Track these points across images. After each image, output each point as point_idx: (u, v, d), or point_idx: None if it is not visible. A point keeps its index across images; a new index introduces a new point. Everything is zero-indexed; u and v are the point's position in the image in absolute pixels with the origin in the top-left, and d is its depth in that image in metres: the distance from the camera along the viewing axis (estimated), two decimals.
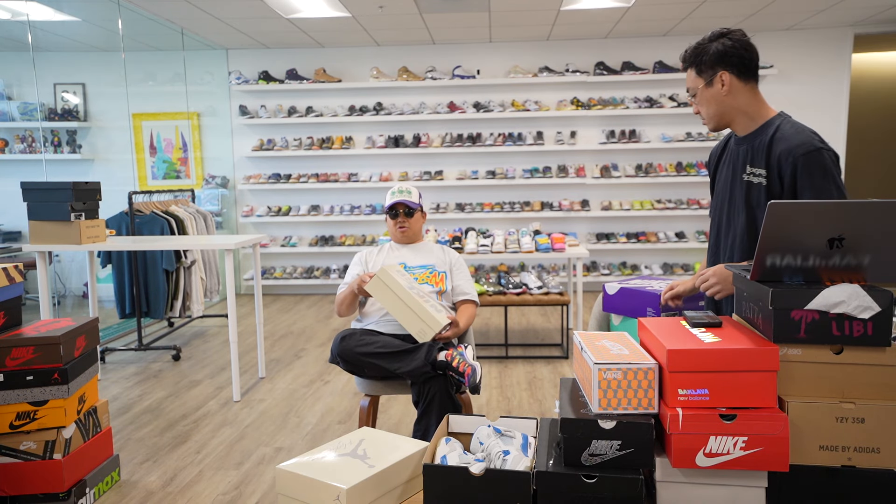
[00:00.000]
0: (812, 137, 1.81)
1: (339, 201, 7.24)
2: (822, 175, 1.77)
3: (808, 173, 1.78)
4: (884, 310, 1.37)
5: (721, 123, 1.98)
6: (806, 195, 1.79)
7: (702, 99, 1.95)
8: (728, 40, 1.89)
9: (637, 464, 1.39)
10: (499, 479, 1.41)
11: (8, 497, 2.48)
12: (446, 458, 1.54)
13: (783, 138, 1.84)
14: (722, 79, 1.90)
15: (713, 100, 1.93)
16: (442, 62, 7.02)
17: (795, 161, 1.79)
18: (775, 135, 1.87)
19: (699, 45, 1.93)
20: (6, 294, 2.52)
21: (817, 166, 1.78)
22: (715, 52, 1.89)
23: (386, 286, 2.54)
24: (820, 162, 1.77)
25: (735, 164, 1.99)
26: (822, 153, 1.78)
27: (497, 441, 1.61)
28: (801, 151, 1.79)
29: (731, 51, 1.88)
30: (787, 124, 1.88)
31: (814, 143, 1.79)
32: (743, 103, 1.92)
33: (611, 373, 1.41)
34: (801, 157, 1.78)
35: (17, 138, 6.85)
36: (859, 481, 1.39)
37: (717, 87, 1.91)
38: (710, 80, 1.91)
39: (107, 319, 5.64)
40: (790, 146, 1.81)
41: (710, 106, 1.95)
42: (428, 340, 2.54)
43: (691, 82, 1.97)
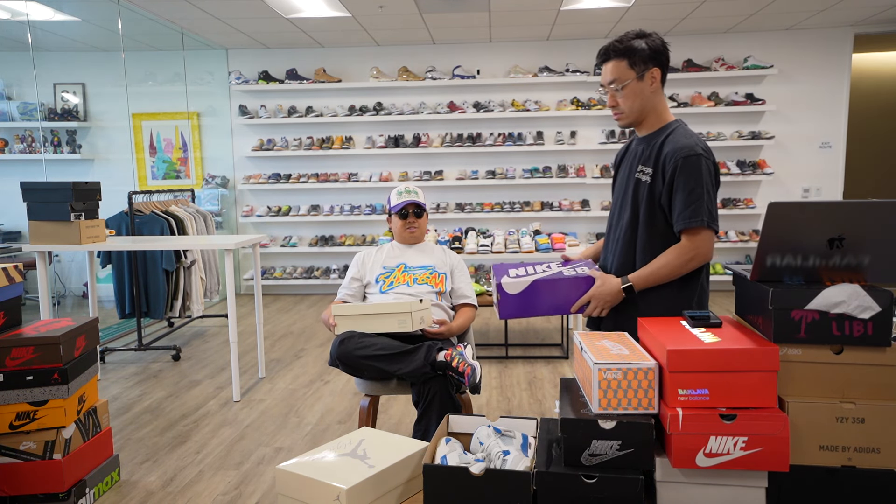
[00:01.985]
0: (696, 145, 1.90)
1: (339, 201, 7.24)
2: (696, 178, 1.87)
3: (684, 174, 1.88)
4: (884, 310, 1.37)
5: (637, 120, 2.02)
6: (678, 195, 1.89)
7: (629, 92, 1.96)
8: (656, 40, 1.95)
9: (637, 464, 1.39)
10: (499, 479, 1.41)
11: (8, 497, 2.48)
12: (446, 458, 1.55)
13: (672, 141, 1.93)
14: (653, 75, 1.95)
15: (640, 95, 1.96)
16: (442, 62, 7.02)
17: (676, 162, 1.89)
18: (668, 137, 1.95)
19: (630, 40, 1.94)
20: (6, 294, 2.52)
21: (694, 169, 1.87)
22: (650, 48, 1.93)
23: (350, 317, 2.64)
24: (697, 166, 1.87)
25: (632, 162, 2.06)
26: (701, 159, 1.88)
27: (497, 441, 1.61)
28: (682, 154, 1.89)
29: (662, 50, 1.95)
30: (681, 130, 1.97)
31: (696, 149, 1.89)
32: (658, 103, 2.00)
33: (611, 373, 1.41)
34: (682, 160, 1.88)
35: (17, 138, 6.86)
36: (859, 481, 1.39)
37: (646, 83, 1.95)
38: (642, 75, 1.94)
39: (107, 319, 5.64)
40: (675, 148, 1.90)
41: (634, 100, 1.97)
42: (416, 328, 2.57)
43: (619, 73, 1.95)
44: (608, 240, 2.15)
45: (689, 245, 1.89)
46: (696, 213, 1.86)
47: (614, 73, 1.96)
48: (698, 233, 1.88)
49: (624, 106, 1.99)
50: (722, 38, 6.82)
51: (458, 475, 1.43)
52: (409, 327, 2.57)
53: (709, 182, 1.88)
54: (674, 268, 1.90)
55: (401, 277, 2.86)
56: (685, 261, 1.90)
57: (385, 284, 2.85)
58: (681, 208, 1.88)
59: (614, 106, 2.01)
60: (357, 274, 2.94)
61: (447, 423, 1.77)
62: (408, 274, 2.87)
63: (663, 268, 1.90)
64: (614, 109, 2.01)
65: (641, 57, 1.93)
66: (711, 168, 1.91)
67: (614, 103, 2.00)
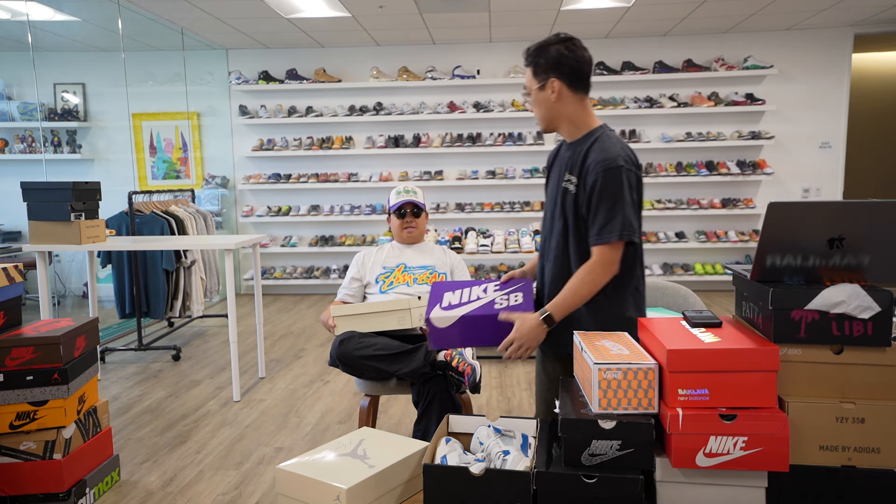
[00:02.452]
0: (618, 156, 1.87)
1: (339, 201, 7.24)
2: (615, 192, 1.84)
3: (603, 187, 1.84)
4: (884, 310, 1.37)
5: (550, 127, 2.01)
6: (597, 209, 1.86)
7: (535, 101, 1.97)
8: (565, 49, 1.91)
9: (637, 464, 1.39)
10: (499, 479, 1.41)
11: (8, 497, 2.48)
12: (446, 458, 1.55)
13: (595, 151, 1.90)
14: (552, 86, 1.92)
15: (544, 103, 1.96)
16: (442, 62, 7.02)
17: (597, 174, 1.86)
18: (592, 146, 1.92)
19: (540, 47, 1.93)
20: (6, 294, 2.52)
21: (613, 181, 1.84)
22: (550, 59, 1.91)
23: (349, 317, 2.65)
24: (616, 178, 1.84)
25: (560, 169, 2.03)
26: (621, 171, 1.85)
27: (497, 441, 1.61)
28: (603, 167, 1.85)
29: (565, 60, 1.90)
30: (605, 138, 1.93)
31: (617, 160, 1.85)
32: (569, 111, 1.96)
33: (611, 373, 1.41)
34: (602, 172, 1.85)
35: (17, 138, 6.86)
36: (859, 481, 1.39)
37: (547, 93, 1.93)
38: (543, 85, 1.93)
39: (107, 319, 5.64)
40: (597, 159, 1.87)
41: (540, 108, 1.98)
42: (415, 325, 2.58)
43: (528, 81, 1.98)
44: (544, 248, 2.10)
45: (599, 260, 1.85)
46: (610, 228, 1.83)
47: (526, 81, 1.99)
48: (608, 247, 1.85)
49: (535, 112, 2.00)
50: (722, 38, 6.82)
51: (458, 475, 1.43)
52: (408, 324, 2.58)
53: (628, 195, 1.85)
54: (588, 285, 1.86)
55: (401, 277, 2.86)
56: (596, 276, 1.85)
57: (385, 284, 2.85)
58: (598, 223, 1.85)
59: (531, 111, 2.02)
60: (357, 274, 2.95)
61: (447, 423, 1.77)
62: (408, 274, 2.87)
63: (577, 289, 1.86)
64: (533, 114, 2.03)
65: (543, 67, 1.92)
66: (633, 179, 1.88)
67: (531, 108, 2.02)
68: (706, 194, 6.94)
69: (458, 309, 1.98)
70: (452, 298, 2.07)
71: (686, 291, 2.54)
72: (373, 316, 2.62)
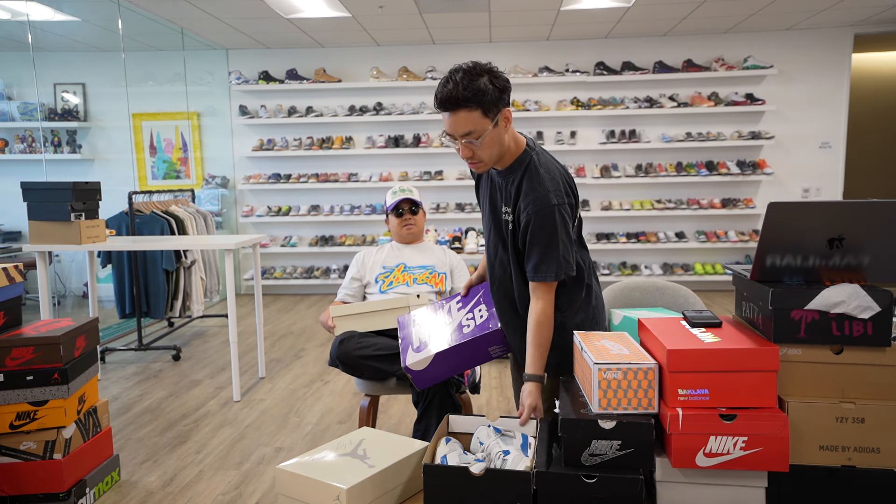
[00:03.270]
0: (549, 192, 1.79)
1: (339, 201, 7.24)
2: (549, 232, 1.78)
3: (537, 227, 1.79)
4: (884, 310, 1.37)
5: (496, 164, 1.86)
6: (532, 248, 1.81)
7: (488, 142, 1.76)
8: (499, 76, 1.77)
9: (637, 464, 1.39)
10: (499, 478, 1.42)
11: (8, 497, 2.48)
12: (446, 458, 1.55)
13: (527, 188, 1.82)
14: (505, 116, 1.78)
15: (497, 141, 1.78)
16: (442, 62, 7.02)
17: (529, 215, 1.79)
18: (523, 179, 1.83)
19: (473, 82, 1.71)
20: (6, 294, 2.52)
21: (545, 221, 1.78)
22: (498, 88, 1.75)
23: (349, 317, 2.65)
24: (548, 218, 1.78)
25: (494, 194, 1.96)
26: (554, 210, 1.78)
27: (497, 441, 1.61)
28: (534, 208, 1.78)
29: (508, 85, 1.79)
30: (533, 169, 1.83)
31: (549, 199, 1.78)
32: (510, 138, 1.84)
33: (611, 373, 1.41)
34: (534, 214, 1.78)
35: (17, 138, 6.86)
36: (859, 481, 1.39)
37: (500, 128, 1.77)
38: (496, 121, 1.76)
39: (107, 319, 5.64)
40: (528, 200, 1.80)
41: (493, 148, 1.79)
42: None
43: (475, 124, 1.73)
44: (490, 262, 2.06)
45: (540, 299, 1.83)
46: (546, 269, 1.80)
47: (469, 125, 1.73)
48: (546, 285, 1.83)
49: (483, 155, 1.79)
50: (722, 38, 6.82)
51: (458, 475, 1.43)
52: None
53: (563, 232, 1.80)
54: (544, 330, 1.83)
55: (400, 277, 2.86)
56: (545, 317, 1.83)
57: (385, 284, 2.85)
58: (534, 261, 1.81)
59: (471, 156, 1.79)
60: (357, 274, 2.95)
61: (447, 422, 1.77)
62: (407, 274, 2.87)
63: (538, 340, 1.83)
64: (470, 160, 1.81)
65: (492, 100, 1.72)
66: (566, 213, 1.82)
67: (470, 154, 1.78)
68: (706, 194, 6.94)
69: (429, 347, 2.02)
70: (422, 334, 2.10)
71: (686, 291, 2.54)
72: (372, 315, 2.63)
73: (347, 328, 2.64)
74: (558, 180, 1.84)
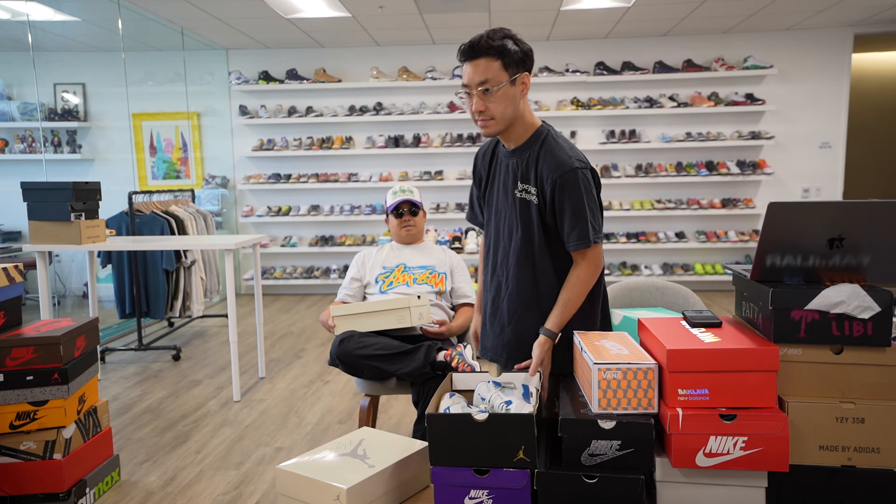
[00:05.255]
0: (570, 157, 1.82)
1: (339, 201, 7.24)
2: (576, 196, 1.81)
3: (564, 193, 1.81)
4: (884, 310, 1.37)
5: (506, 128, 1.85)
6: (562, 216, 1.83)
7: (501, 96, 1.77)
8: (525, 44, 1.79)
9: (637, 464, 1.39)
10: (502, 422, 1.41)
11: (8, 497, 2.48)
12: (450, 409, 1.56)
13: (546, 156, 1.84)
14: (523, 80, 1.80)
15: (512, 100, 1.79)
16: (442, 62, 7.02)
17: (554, 182, 1.81)
18: (541, 152, 1.85)
19: (501, 39, 1.75)
20: (6, 294, 2.52)
21: (572, 186, 1.80)
22: (522, 51, 1.78)
23: (349, 317, 2.65)
24: (574, 182, 1.80)
25: (506, 177, 1.95)
26: (577, 173, 1.81)
27: (498, 393, 1.62)
28: (558, 173, 1.80)
29: (531, 54, 1.81)
30: (551, 140, 1.87)
31: (571, 163, 1.81)
32: (525, 108, 1.86)
33: (611, 373, 1.41)
34: (558, 179, 1.80)
35: (17, 138, 6.85)
36: (859, 481, 1.39)
37: (517, 88, 1.80)
38: (514, 79, 1.78)
39: (107, 319, 5.64)
40: (551, 166, 1.82)
41: (506, 106, 1.79)
42: (414, 324, 2.58)
43: (493, 74, 1.75)
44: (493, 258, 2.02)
45: (585, 265, 1.85)
46: (583, 234, 1.82)
47: (486, 73, 1.74)
48: (591, 251, 1.85)
49: (495, 111, 1.78)
50: (722, 38, 6.82)
51: (463, 421, 1.43)
52: (407, 323, 2.57)
53: (589, 196, 1.83)
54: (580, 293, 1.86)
55: (400, 277, 2.86)
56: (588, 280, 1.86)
57: (385, 284, 2.85)
58: (568, 230, 1.83)
59: (482, 110, 1.78)
60: (357, 274, 2.95)
61: (450, 380, 1.78)
62: (407, 274, 2.87)
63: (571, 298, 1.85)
64: (481, 115, 1.80)
65: (514, 60, 1.76)
66: (589, 178, 1.85)
67: (482, 107, 1.78)
68: (706, 194, 6.94)
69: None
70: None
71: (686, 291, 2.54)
72: (372, 315, 2.62)
73: (347, 328, 2.64)
74: (576, 150, 1.87)
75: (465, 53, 1.77)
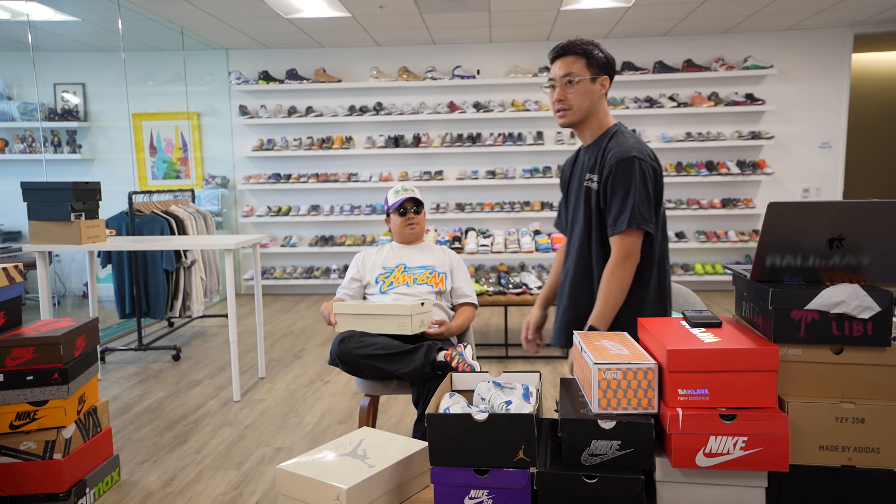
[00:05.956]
0: (633, 147, 1.91)
1: (339, 201, 7.24)
2: (627, 182, 1.88)
3: (617, 178, 1.90)
4: (884, 310, 1.37)
5: (581, 120, 2.03)
6: (611, 200, 1.91)
7: (581, 89, 1.98)
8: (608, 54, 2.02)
9: (637, 464, 1.39)
10: (502, 422, 1.41)
11: (8, 497, 2.48)
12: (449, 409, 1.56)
13: (612, 145, 1.95)
14: (603, 82, 2.01)
15: (590, 95, 1.99)
16: (442, 62, 7.02)
17: (611, 166, 1.91)
18: (609, 143, 1.98)
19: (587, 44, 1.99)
20: (6, 294, 2.52)
21: (626, 172, 1.89)
22: (605, 58, 2.00)
23: (350, 316, 2.65)
24: (628, 168, 1.89)
25: (581, 172, 2.08)
26: (634, 161, 1.88)
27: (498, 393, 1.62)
28: (615, 158, 1.91)
29: (613, 64, 2.03)
30: (620, 134, 1.99)
31: (631, 152, 1.90)
32: (601, 109, 2.04)
33: (611, 373, 1.41)
34: (615, 164, 1.90)
35: (17, 138, 6.85)
36: (859, 481, 1.39)
37: (597, 86, 2.00)
38: (595, 78, 1.99)
39: (107, 319, 5.64)
40: (612, 153, 1.93)
41: (584, 99, 1.99)
42: (415, 331, 2.57)
43: (576, 69, 1.98)
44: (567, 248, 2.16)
45: (616, 253, 1.89)
46: (622, 218, 1.87)
47: (570, 67, 1.98)
48: (622, 237, 1.88)
49: (573, 102, 1.99)
50: (722, 38, 6.82)
51: (462, 421, 1.43)
52: (407, 330, 2.56)
53: (640, 184, 1.88)
54: (615, 283, 1.88)
55: (400, 278, 2.86)
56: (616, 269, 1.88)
57: (385, 285, 2.85)
58: (612, 214, 1.90)
59: (562, 100, 1.99)
60: (357, 274, 2.94)
61: (450, 380, 1.78)
62: (407, 274, 2.87)
63: (607, 292, 1.88)
64: (560, 104, 2.00)
65: (597, 62, 1.98)
66: (648, 170, 1.90)
67: (563, 97, 1.99)
68: (706, 194, 6.94)
69: None
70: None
71: (686, 291, 2.54)
72: (373, 318, 2.62)
73: (348, 327, 2.64)
74: (642, 144, 1.95)
75: (556, 51, 2.01)
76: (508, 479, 1.41)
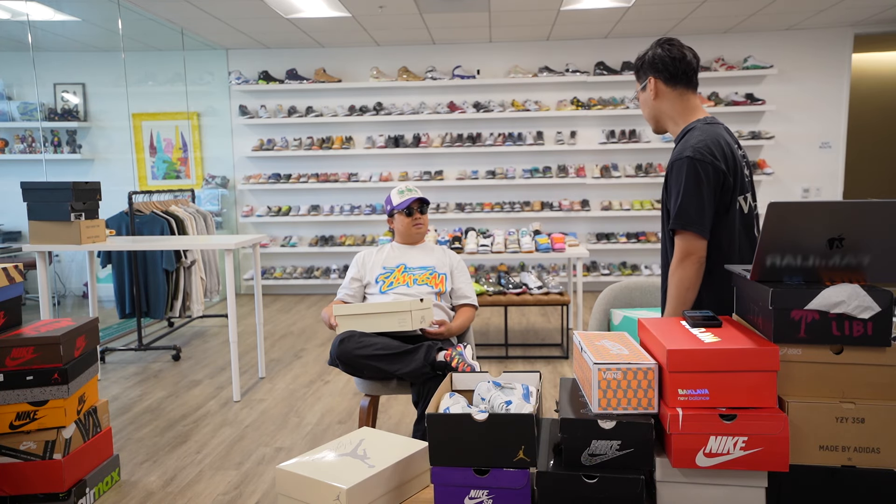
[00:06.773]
0: (690, 147, 1.89)
1: (339, 201, 7.24)
2: (678, 182, 1.90)
3: (671, 179, 1.93)
4: (884, 310, 1.37)
5: (657, 126, 2.09)
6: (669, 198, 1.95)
7: (640, 102, 2.09)
8: (660, 49, 1.99)
9: (637, 464, 1.39)
10: (502, 422, 1.41)
11: (8, 497, 2.48)
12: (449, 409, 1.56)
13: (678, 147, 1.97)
14: (650, 84, 2.02)
15: (646, 104, 2.07)
16: (442, 62, 7.02)
17: (669, 166, 1.95)
18: (678, 144, 1.99)
19: (641, 55, 2.05)
20: (6, 294, 2.52)
21: (677, 172, 1.90)
22: (647, 60, 2.02)
23: (351, 317, 2.65)
24: (679, 169, 1.90)
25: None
26: (685, 162, 1.88)
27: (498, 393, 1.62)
28: (672, 159, 1.94)
29: (659, 58, 1.98)
30: (690, 133, 1.96)
31: (686, 152, 1.89)
32: (668, 108, 2.03)
33: (611, 373, 1.41)
34: (671, 164, 1.93)
35: (17, 138, 6.85)
36: (859, 481, 1.39)
37: (648, 93, 2.04)
38: (644, 86, 2.04)
39: (107, 319, 5.64)
40: (673, 154, 1.95)
41: (644, 108, 2.09)
42: (416, 327, 2.57)
43: (636, 86, 2.11)
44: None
45: (675, 251, 1.92)
46: (673, 218, 1.90)
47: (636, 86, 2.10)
48: (681, 237, 1.90)
49: (644, 114, 2.11)
50: (722, 38, 6.82)
51: (462, 421, 1.43)
52: (408, 326, 2.57)
53: (692, 185, 1.86)
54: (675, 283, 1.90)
55: (401, 278, 2.86)
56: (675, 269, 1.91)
57: (385, 285, 2.85)
58: (670, 215, 1.93)
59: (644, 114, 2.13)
60: (357, 274, 2.94)
61: (450, 379, 1.78)
62: (408, 274, 2.87)
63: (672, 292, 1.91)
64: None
65: (642, 69, 2.03)
66: (705, 171, 1.86)
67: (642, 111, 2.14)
68: None
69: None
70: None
71: None
72: (374, 316, 2.62)
73: (349, 328, 2.64)
74: (707, 142, 1.89)
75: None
76: (508, 480, 1.41)
